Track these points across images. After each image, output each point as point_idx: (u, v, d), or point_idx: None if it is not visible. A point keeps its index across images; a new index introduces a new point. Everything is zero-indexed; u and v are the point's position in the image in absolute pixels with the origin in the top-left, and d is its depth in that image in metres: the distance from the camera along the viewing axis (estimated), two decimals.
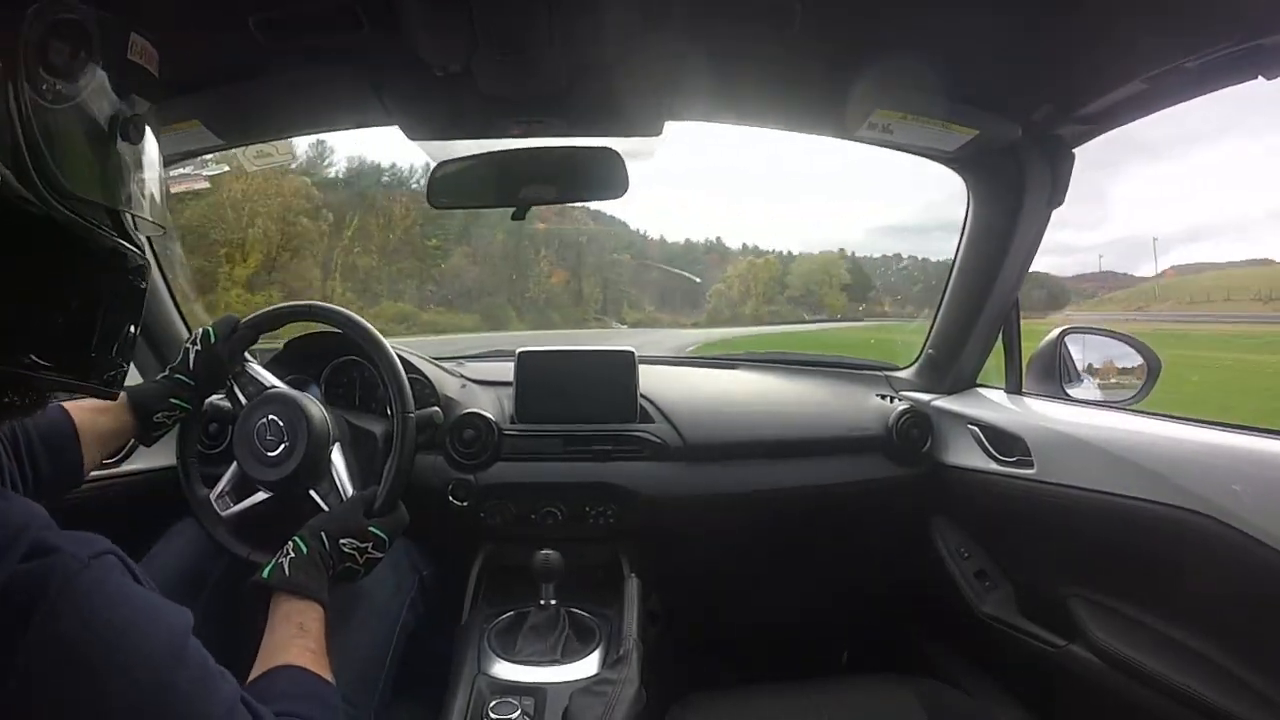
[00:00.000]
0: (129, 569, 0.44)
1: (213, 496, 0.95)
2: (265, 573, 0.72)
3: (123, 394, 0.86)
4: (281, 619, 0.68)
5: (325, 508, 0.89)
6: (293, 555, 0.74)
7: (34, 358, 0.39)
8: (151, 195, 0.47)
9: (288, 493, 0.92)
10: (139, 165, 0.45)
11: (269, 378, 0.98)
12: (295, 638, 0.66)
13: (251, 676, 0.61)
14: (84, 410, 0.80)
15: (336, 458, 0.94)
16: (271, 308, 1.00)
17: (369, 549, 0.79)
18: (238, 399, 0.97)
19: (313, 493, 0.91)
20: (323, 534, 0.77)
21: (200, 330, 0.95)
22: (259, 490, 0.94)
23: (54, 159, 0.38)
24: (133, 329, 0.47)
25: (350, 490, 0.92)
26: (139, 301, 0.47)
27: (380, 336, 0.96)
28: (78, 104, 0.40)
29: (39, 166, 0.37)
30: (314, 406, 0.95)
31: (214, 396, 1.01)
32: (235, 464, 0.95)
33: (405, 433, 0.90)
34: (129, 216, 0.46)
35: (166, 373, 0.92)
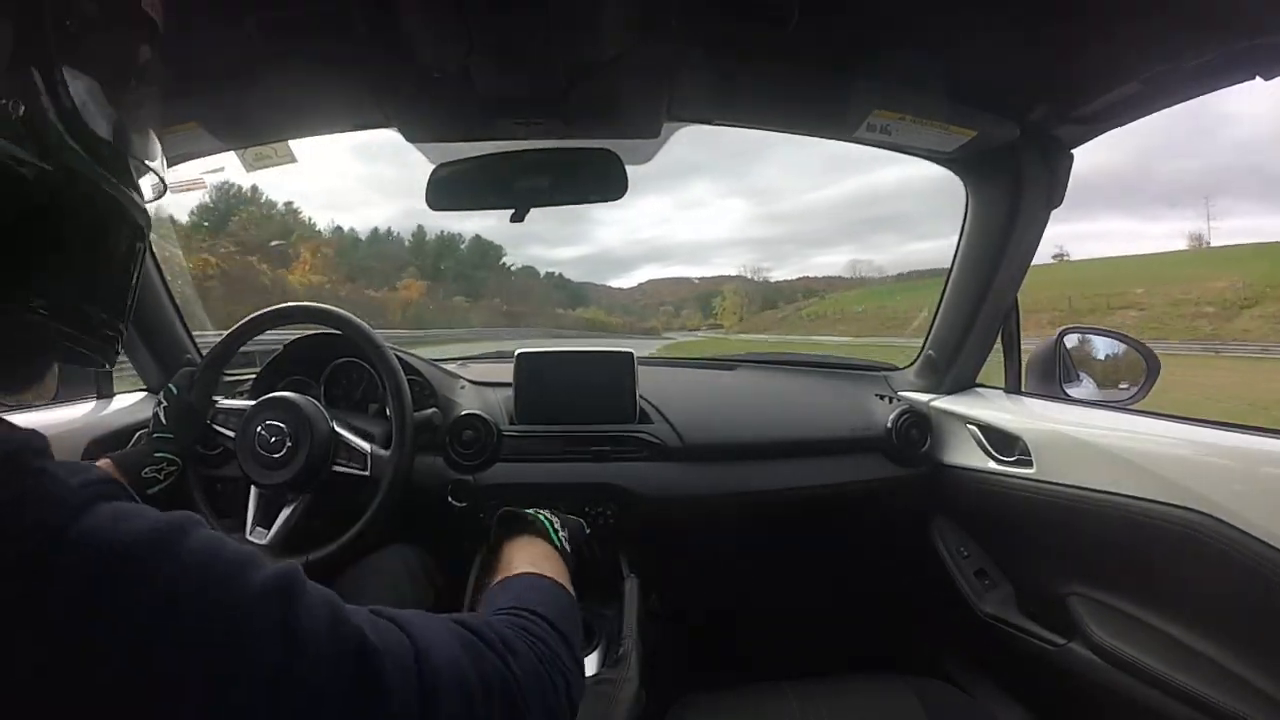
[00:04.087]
0: (129, 492, 0.39)
1: (247, 535, 0.95)
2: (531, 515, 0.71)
3: (106, 459, 0.88)
4: (506, 550, 0.65)
5: (355, 473, 0.93)
6: (558, 528, 0.71)
7: (40, 310, 0.38)
8: (156, 146, 0.47)
9: (312, 481, 0.93)
10: (148, 116, 0.45)
11: (246, 404, 0.99)
12: (523, 550, 0.64)
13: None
14: None
15: (341, 429, 0.95)
16: (221, 340, 1.02)
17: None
18: (224, 435, 0.98)
19: (337, 467, 0.92)
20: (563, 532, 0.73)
21: (163, 389, 0.98)
22: (285, 504, 0.94)
23: (77, 104, 0.38)
24: (129, 291, 0.46)
25: (369, 447, 0.95)
26: (137, 261, 0.45)
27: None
28: (99, 49, 0.40)
29: (62, 114, 0.37)
30: (298, 397, 0.96)
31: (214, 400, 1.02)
32: (253, 493, 0.96)
33: (395, 376, 0.92)
34: (133, 168, 0.45)
35: (145, 438, 0.94)
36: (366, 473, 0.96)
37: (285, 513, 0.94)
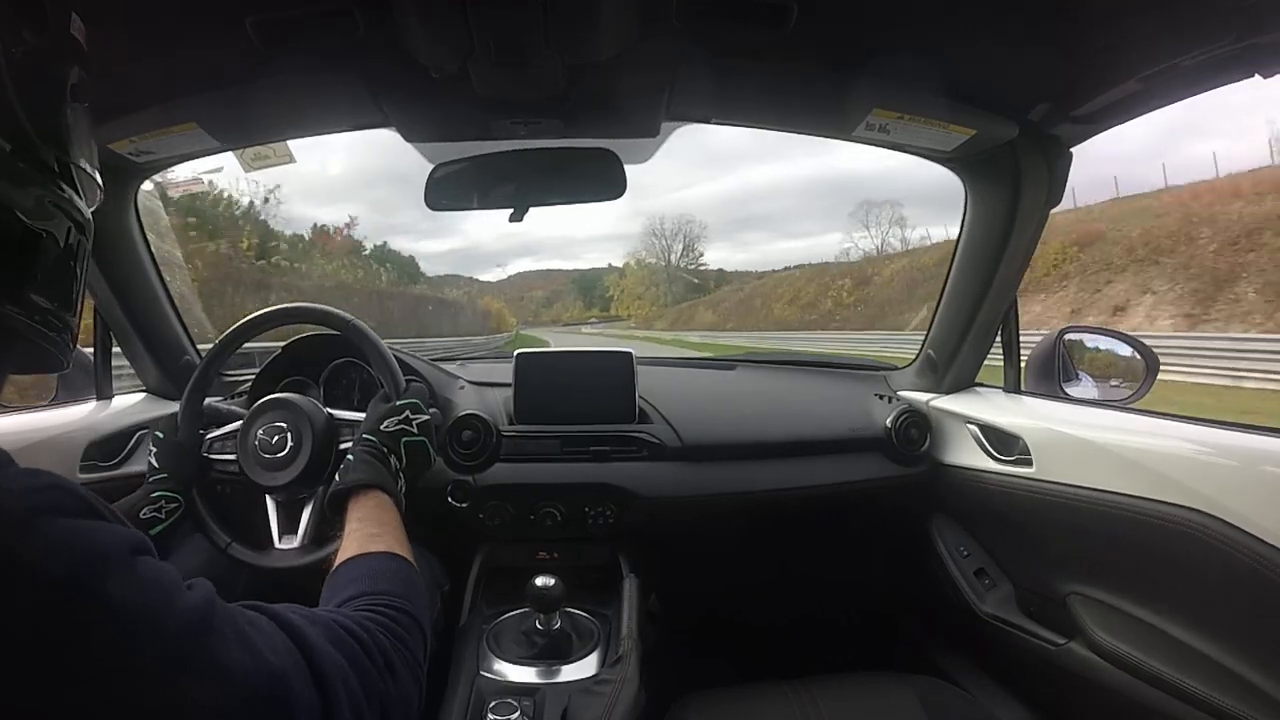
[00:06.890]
0: (84, 500, 0.41)
1: (279, 547, 0.93)
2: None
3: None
4: (345, 524, 0.70)
5: None
6: (343, 465, 0.79)
7: None
8: (92, 154, 0.50)
9: (322, 470, 0.92)
10: (86, 126, 0.49)
11: (237, 425, 0.98)
12: (353, 533, 0.68)
13: None
14: None
15: (339, 413, 0.96)
16: (203, 360, 1.01)
17: (408, 414, 0.86)
18: (224, 460, 0.97)
19: (342, 444, 0.93)
20: (363, 436, 0.83)
21: (149, 435, 0.99)
22: (304, 503, 0.94)
23: (25, 112, 0.41)
24: (75, 282, 0.47)
25: None
26: (81, 259, 0.48)
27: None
28: (41, 64, 0.44)
29: (9, 119, 0.40)
30: (290, 395, 0.96)
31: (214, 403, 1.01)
32: (270, 503, 0.94)
33: (394, 377, 0.93)
34: (75, 173, 0.47)
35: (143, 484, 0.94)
36: None
37: (307, 512, 0.93)
